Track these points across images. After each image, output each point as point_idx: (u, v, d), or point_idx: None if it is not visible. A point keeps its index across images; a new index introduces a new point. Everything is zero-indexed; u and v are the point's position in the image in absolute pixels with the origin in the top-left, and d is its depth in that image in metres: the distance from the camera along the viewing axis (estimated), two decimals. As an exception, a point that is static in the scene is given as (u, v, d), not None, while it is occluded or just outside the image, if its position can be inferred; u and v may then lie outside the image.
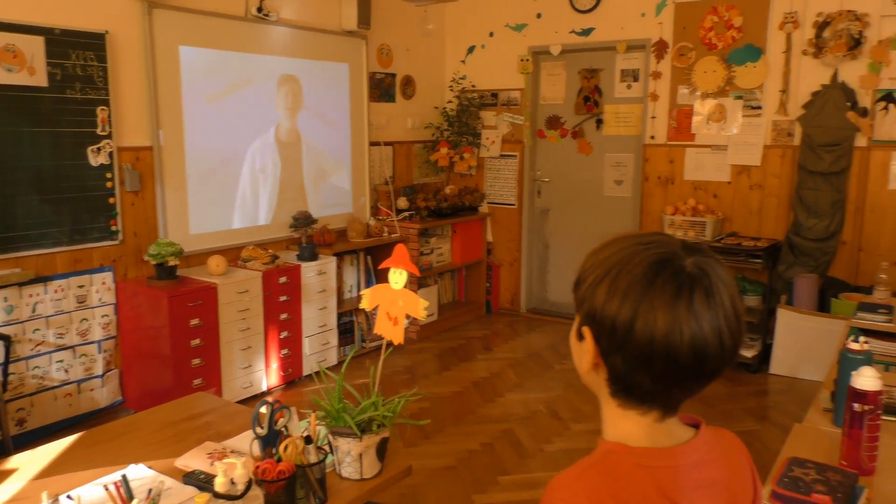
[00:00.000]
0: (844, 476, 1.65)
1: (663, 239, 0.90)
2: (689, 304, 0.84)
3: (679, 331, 0.83)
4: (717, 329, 0.85)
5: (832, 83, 4.62)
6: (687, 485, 0.90)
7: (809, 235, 4.74)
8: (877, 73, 4.49)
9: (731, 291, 0.88)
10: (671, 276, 0.85)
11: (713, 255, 0.90)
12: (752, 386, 4.58)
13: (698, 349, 0.84)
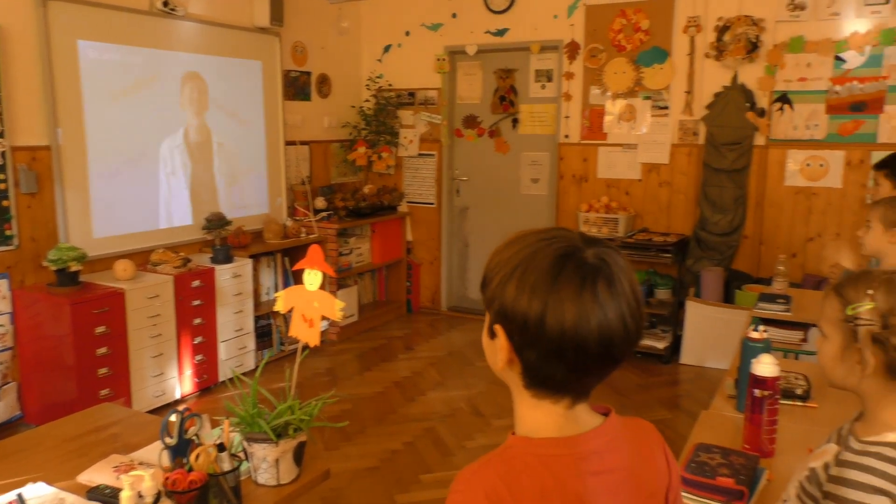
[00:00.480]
0: (747, 459, 1.73)
1: (564, 233, 0.93)
2: (594, 294, 0.87)
3: (587, 320, 0.86)
4: (621, 315, 0.88)
5: (732, 85, 4.85)
6: (585, 471, 0.92)
7: (715, 230, 4.96)
8: (773, 76, 4.75)
9: (631, 279, 0.92)
10: (575, 269, 0.88)
11: (611, 246, 0.94)
12: (664, 376, 4.75)
13: (605, 336, 0.87)
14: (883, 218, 2.51)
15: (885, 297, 1.21)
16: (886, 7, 4.41)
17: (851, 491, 1.19)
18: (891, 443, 1.21)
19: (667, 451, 1.06)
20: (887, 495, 1.16)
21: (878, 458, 1.20)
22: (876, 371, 1.22)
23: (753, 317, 3.33)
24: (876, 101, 4.50)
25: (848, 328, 1.25)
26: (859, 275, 1.27)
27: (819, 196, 4.76)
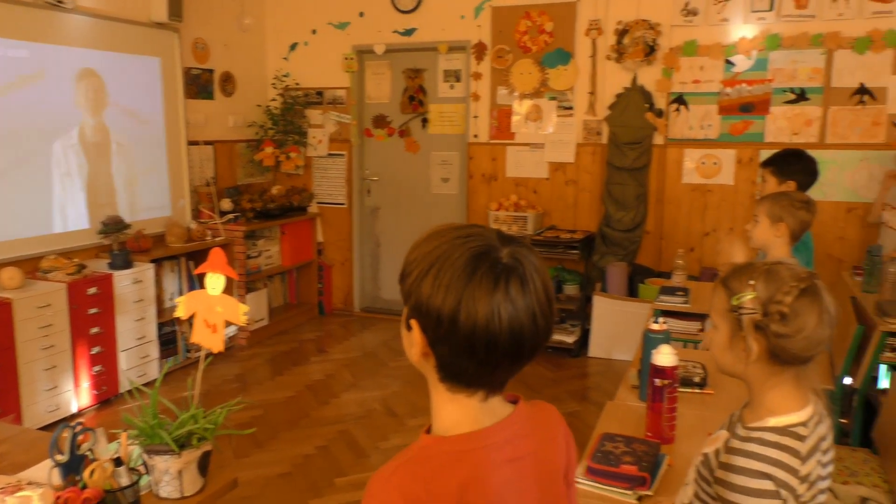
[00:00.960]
0: (649, 446, 1.80)
1: (480, 231, 0.95)
2: (507, 292, 0.89)
3: (498, 318, 0.88)
4: (532, 313, 0.91)
5: (632, 86, 5.04)
6: (499, 460, 0.95)
7: (618, 227, 5.13)
8: (669, 78, 4.96)
9: (543, 277, 0.94)
10: (489, 268, 0.90)
11: (526, 245, 0.96)
12: (573, 370, 4.87)
13: (516, 333, 0.90)
14: (769, 213, 2.66)
15: (765, 286, 1.28)
16: (770, 14, 4.68)
17: (737, 476, 1.25)
18: (771, 427, 1.28)
19: (566, 433, 1.10)
20: (770, 478, 1.23)
21: (759, 444, 1.26)
22: (759, 357, 1.29)
23: (655, 309, 3.48)
24: (763, 103, 4.77)
25: (734, 317, 1.31)
26: (743, 267, 1.34)
27: (713, 193, 5.01)
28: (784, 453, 1.24)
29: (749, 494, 1.23)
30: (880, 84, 4.51)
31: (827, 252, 4.74)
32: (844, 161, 4.65)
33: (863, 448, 2.70)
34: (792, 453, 1.24)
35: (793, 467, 1.24)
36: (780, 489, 1.22)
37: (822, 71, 4.62)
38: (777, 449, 1.25)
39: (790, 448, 1.25)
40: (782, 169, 3.28)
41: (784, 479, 1.23)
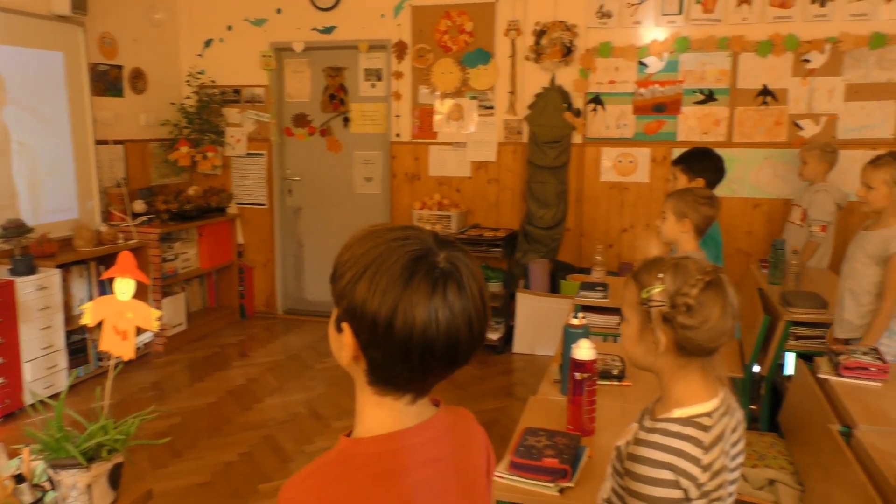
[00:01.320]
0: (570, 439, 1.83)
1: (417, 234, 0.93)
2: (444, 297, 0.88)
3: (436, 323, 0.88)
4: (469, 318, 0.91)
5: (551, 86, 5.13)
6: (416, 462, 0.95)
7: (540, 224, 5.22)
8: (586, 78, 5.07)
9: (479, 282, 0.94)
10: (427, 273, 0.88)
11: (462, 248, 0.95)
12: (498, 366, 4.92)
13: (452, 338, 0.89)
14: (674, 209, 2.77)
15: (673, 279, 1.32)
16: (680, 17, 4.86)
17: (641, 466, 1.28)
18: (676, 418, 1.31)
19: (484, 435, 1.10)
20: (670, 468, 1.26)
21: (663, 434, 1.29)
22: (667, 349, 1.33)
23: (576, 305, 3.55)
24: (674, 103, 4.95)
25: (643, 310, 1.35)
26: (652, 261, 1.39)
27: (630, 190, 5.16)
28: (686, 443, 1.27)
29: (650, 484, 1.26)
30: (782, 86, 4.75)
31: (736, 246, 4.96)
32: (750, 159, 4.87)
33: (770, 432, 2.83)
34: (695, 443, 1.27)
35: (695, 457, 1.26)
36: (680, 478, 1.25)
37: (729, 73, 4.83)
38: (679, 439, 1.28)
39: (693, 438, 1.28)
40: (691, 167, 3.41)
41: (685, 468, 1.26)
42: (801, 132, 4.75)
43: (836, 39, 4.59)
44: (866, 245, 2.78)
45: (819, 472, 2.12)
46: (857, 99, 4.63)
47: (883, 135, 4.62)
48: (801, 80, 4.70)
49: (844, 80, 4.63)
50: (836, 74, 4.64)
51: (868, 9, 4.53)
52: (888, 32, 4.50)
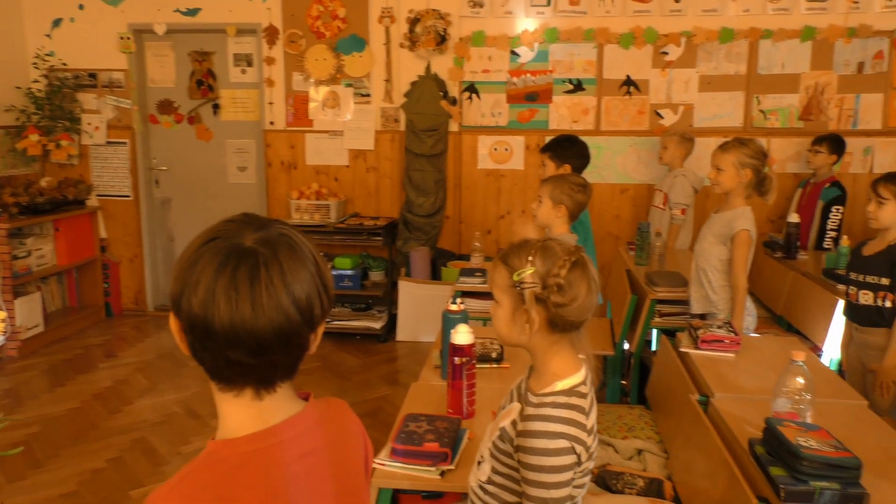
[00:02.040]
0: (450, 422, 1.86)
1: (233, 227, 0.92)
2: (268, 289, 0.87)
3: (262, 314, 0.86)
4: (295, 301, 0.89)
5: (426, 74, 5.15)
6: (290, 457, 0.93)
7: (420, 212, 5.25)
8: (461, 67, 5.13)
9: (309, 268, 0.92)
10: (247, 266, 0.87)
11: (289, 233, 0.93)
12: (382, 354, 4.92)
13: (282, 326, 0.88)
14: (550, 195, 2.87)
15: (542, 261, 1.38)
16: (548, 9, 5.01)
17: (536, 440, 1.33)
18: (560, 390, 1.39)
19: (360, 425, 1.11)
20: (565, 437, 1.33)
21: (553, 407, 1.36)
22: (541, 327, 1.38)
23: (456, 290, 3.61)
24: (546, 92, 5.11)
25: (515, 292, 1.40)
26: (520, 244, 1.44)
27: (506, 177, 5.28)
28: (573, 412, 1.36)
29: (548, 455, 1.32)
30: (643, 77, 5.01)
31: (606, 230, 5.21)
32: (617, 146, 5.12)
33: (639, 405, 3.00)
34: (579, 410, 1.36)
35: (581, 422, 1.36)
36: (574, 444, 1.33)
37: (595, 64, 5.04)
38: (568, 409, 1.36)
39: (577, 406, 1.37)
40: (558, 154, 3.54)
41: (576, 434, 1.34)
42: (661, 121, 5.04)
43: (690, 33, 4.90)
44: (714, 226, 3.00)
45: (681, 440, 2.26)
46: (709, 90, 4.97)
47: (733, 124, 4.98)
48: (661, 71, 4.99)
49: (698, 72, 4.96)
50: (691, 66, 4.96)
51: (717, 5, 4.86)
52: (735, 28, 4.85)
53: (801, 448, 1.56)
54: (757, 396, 2.08)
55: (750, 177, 2.87)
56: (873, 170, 4.80)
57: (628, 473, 2.26)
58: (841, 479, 1.53)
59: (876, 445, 1.84)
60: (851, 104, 4.86)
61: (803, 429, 1.67)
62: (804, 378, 1.85)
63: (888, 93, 4.82)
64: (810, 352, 2.76)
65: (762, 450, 1.69)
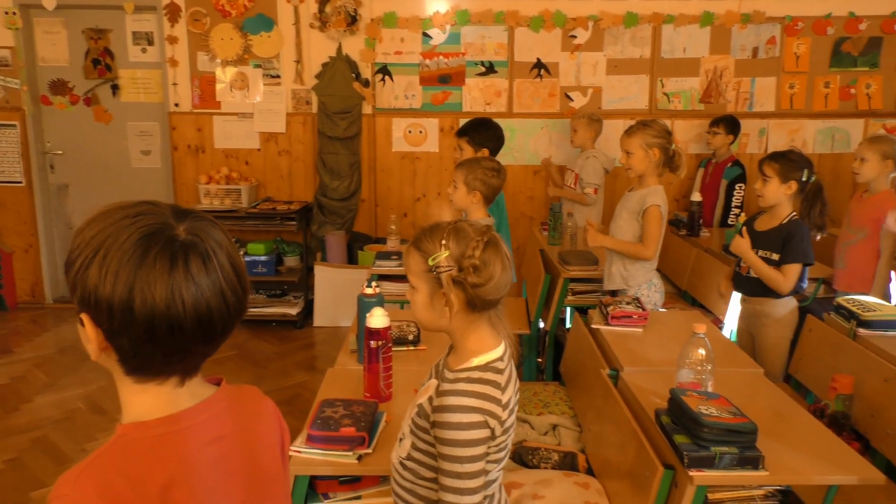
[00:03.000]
0: (366, 406, 1.85)
1: (152, 208, 0.88)
2: (186, 272, 0.84)
3: (180, 301, 0.84)
4: (219, 290, 0.87)
5: (338, 56, 5.07)
6: (200, 441, 0.92)
7: (334, 196, 5.18)
8: (373, 49, 5.07)
9: (229, 251, 0.90)
10: (164, 248, 0.84)
11: (207, 218, 0.91)
12: (299, 341, 4.85)
13: (203, 314, 0.86)
14: (464, 180, 2.89)
15: (456, 243, 1.39)
16: (460, -10, 5.01)
17: (451, 414, 1.35)
18: (475, 366, 1.41)
19: (275, 409, 1.10)
20: (479, 411, 1.35)
21: (467, 382, 1.38)
22: (460, 309, 1.40)
23: (372, 274, 3.59)
24: (458, 75, 5.12)
25: (432, 277, 1.40)
26: (431, 228, 1.44)
27: (421, 160, 5.28)
28: (488, 386, 1.37)
29: (462, 429, 1.34)
30: (553, 60, 5.10)
31: (521, 210, 5.29)
32: (529, 129, 5.19)
33: (554, 382, 3.08)
34: (494, 385, 1.38)
35: (496, 397, 1.37)
36: (488, 419, 1.35)
37: (506, 46, 5.08)
38: (482, 384, 1.37)
39: (492, 381, 1.38)
40: (475, 138, 3.57)
41: (490, 408, 1.36)
42: (571, 103, 5.14)
43: (596, 17, 5.01)
44: (628, 203, 3.09)
45: (593, 413, 2.34)
46: (616, 73, 5.10)
47: (639, 106, 5.14)
48: (570, 54, 5.08)
49: (606, 56, 5.08)
50: (598, 50, 5.07)
51: (623, -10, 4.99)
52: (639, 12, 4.99)
53: (702, 416, 1.64)
54: (663, 368, 2.17)
55: (658, 156, 2.97)
56: (768, 149, 5.06)
57: (543, 448, 2.32)
58: (739, 444, 1.62)
59: (769, 409, 1.96)
60: (748, 87, 5.11)
61: (704, 397, 1.76)
62: (705, 349, 1.94)
63: (780, 77, 5.09)
64: (711, 324, 2.89)
65: (667, 419, 1.77)
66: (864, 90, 5.07)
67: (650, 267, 3.06)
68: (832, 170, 5.12)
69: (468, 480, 1.35)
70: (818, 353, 2.73)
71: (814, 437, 1.82)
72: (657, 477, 1.67)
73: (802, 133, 5.14)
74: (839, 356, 2.57)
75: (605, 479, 2.08)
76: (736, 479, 1.62)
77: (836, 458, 1.71)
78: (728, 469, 1.60)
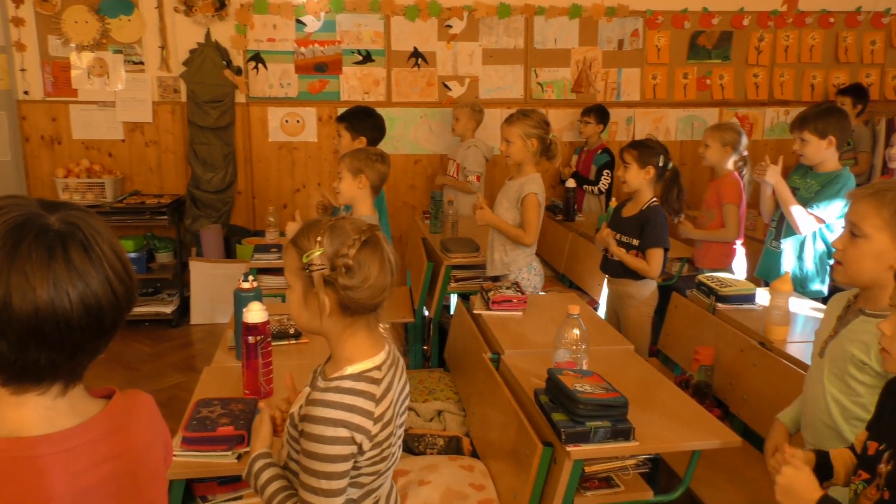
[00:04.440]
0: (246, 404, 1.80)
1: (15, 201, 0.82)
2: (68, 263, 0.79)
3: (66, 294, 0.78)
4: (106, 280, 0.82)
5: (207, 42, 4.85)
6: (84, 464, 0.85)
7: (208, 188, 4.98)
8: (244, 35, 4.90)
9: (111, 240, 0.85)
10: (38, 238, 0.78)
11: (80, 208, 0.85)
12: (175, 340, 4.64)
13: (92, 307, 0.81)
14: (350, 167, 2.84)
15: (331, 241, 1.31)
16: (334, -23, 4.93)
17: (315, 426, 1.26)
18: (348, 375, 1.33)
19: (161, 423, 1.04)
20: (345, 426, 1.27)
21: (336, 392, 1.30)
22: (333, 311, 1.31)
23: (251, 268, 3.48)
24: (335, 63, 5.04)
25: (305, 275, 1.32)
26: (309, 224, 1.36)
27: (300, 150, 5.16)
28: (359, 398, 1.30)
29: (324, 443, 1.26)
30: (430, 49, 5.12)
31: (402, 199, 5.30)
32: (408, 118, 5.19)
33: (438, 368, 3.11)
34: (367, 397, 1.30)
35: (368, 410, 1.29)
36: (355, 434, 1.27)
37: (383, 35, 5.05)
38: (353, 395, 1.30)
39: (366, 392, 1.31)
40: (354, 125, 3.52)
41: (359, 423, 1.28)
42: (449, 92, 5.19)
43: (471, 7, 5.07)
44: (508, 192, 3.16)
45: (476, 397, 2.39)
46: (492, 63, 5.20)
47: (514, 95, 5.26)
48: (446, 44, 5.12)
49: (481, 46, 5.16)
50: (474, 40, 5.15)
51: (496, -19, 5.08)
52: (512, 3, 5.10)
53: (577, 393, 1.70)
54: (542, 350, 2.24)
55: (536, 145, 3.06)
56: (635, 137, 5.33)
57: (429, 434, 2.34)
58: (611, 417, 1.70)
59: (639, 382, 2.07)
60: (615, 78, 5.35)
61: (579, 375, 1.83)
62: (579, 329, 2.02)
63: (644, 68, 5.36)
64: (586, 305, 3.02)
65: (546, 398, 1.83)
66: (719, 81, 5.43)
67: (530, 252, 3.15)
68: (692, 155, 5.46)
69: (324, 498, 1.27)
70: (683, 328, 2.92)
71: (679, 407, 1.94)
72: (537, 454, 1.72)
73: (665, 121, 5.45)
74: (701, 330, 2.76)
75: (488, 460, 2.13)
76: (609, 451, 1.70)
77: (699, 425, 1.84)
78: (602, 442, 1.68)
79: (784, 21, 5.38)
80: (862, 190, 1.62)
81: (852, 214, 1.60)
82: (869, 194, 1.58)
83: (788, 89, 5.47)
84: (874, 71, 5.52)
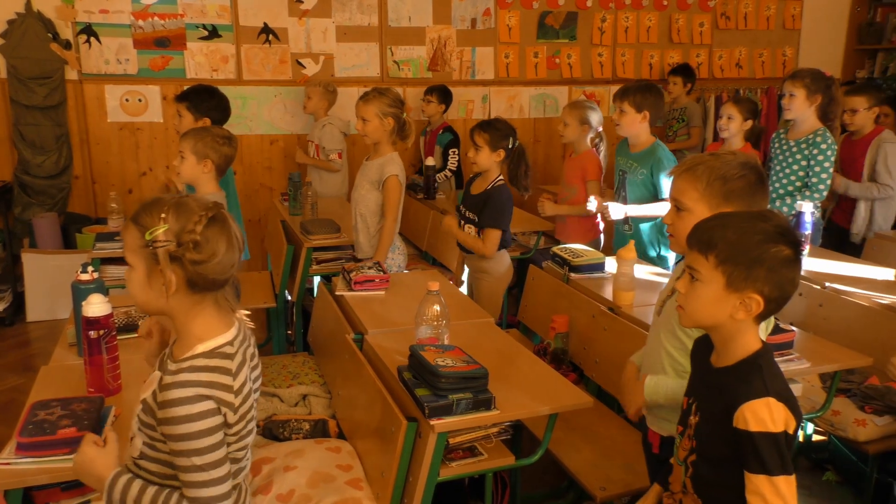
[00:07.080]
0: (89, 402, 1.68)
1: None
2: None
3: None
4: None
5: (27, 12, 4.42)
6: None
7: (40, 173, 4.58)
8: (72, 6, 4.50)
9: None
10: None
11: None
12: (9, 340, 4.29)
13: None
14: (193, 149, 2.70)
15: (176, 218, 1.29)
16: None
17: (177, 408, 1.26)
18: (200, 353, 1.32)
19: None
20: (207, 399, 1.28)
21: (191, 371, 1.29)
22: (179, 288, 1.30)
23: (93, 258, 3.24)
24: (178, 38, 4.75)
25: (148, 253, 1.29)
26: (151, 202, 1.33)
27: (144, 131, 4.85)
28: (215, 374, 1.30)
29: (193, 420, 1.26)
30: (281, 25, 4.95)
31: (259, 182, 5.12)
32: (262, 97, 5.01)
33: (302, 352, 3.06)
34: (223, 371, 1.31)
35: (226, 384, 1.31)
36: (220, 406, 1.29)
37: (229, 9, 4.82)
38: (208, 371, 1.30)
39: (220, 367, 1.32)
40: (196, 105, 3.34)
41: (221, 396, 1.29)
42: (304, 70, 5.06)
43: (323, -18, 4.96)
44: (367, 173, 3.14)
45: (341, 378, 2.37)
46: (346, 40, 5.11)
47: (371, 74, 5.21)
48: (298, 20, 4.97)
49: (334, 23, 5.06)
50: (327, 17, 5.03)
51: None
52: (365, -20, 5.04)
53: (438, 368, 1.73)
54: (405, 328, 2.25)
55: (392, 124, 3.05)
56: (490, 115, 5.45)
57: (294, 420, 2.30)
58: (473, 389, 1.74)
59: (497, 353, 2.14)
60: (469, 56, 5.43)
61: (441, 350, 1.86)
62: (439, 305, 2.05)
63: (497, 47, 5.48)
64: (447, 281, 3.07)
65: (409, 375, 1.84)
66: (566, 60, 5.66)
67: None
68: (545, 132, 5.67)
69: (212, 471, 1.28)
70: (540, 298, 3.04)
71: (537, 374, 2.02)
72: (402, 430, 1.74)
73: (519, 99, 5.61)
74: (556, 299, 2.88)
75: (355, 440, 2.12)
76: (472, 421, 1.74)
77: (555, 389, 1.93)
78: (464, 413, 1.72)
79: (623, 3, 5.68)
80: (678, 167, 1.76)
81: (674, 191, 1.74)
82: (684, 170, 1.71)
83: (630, 68, 5.79)
84: (703, 51, 5.97)
